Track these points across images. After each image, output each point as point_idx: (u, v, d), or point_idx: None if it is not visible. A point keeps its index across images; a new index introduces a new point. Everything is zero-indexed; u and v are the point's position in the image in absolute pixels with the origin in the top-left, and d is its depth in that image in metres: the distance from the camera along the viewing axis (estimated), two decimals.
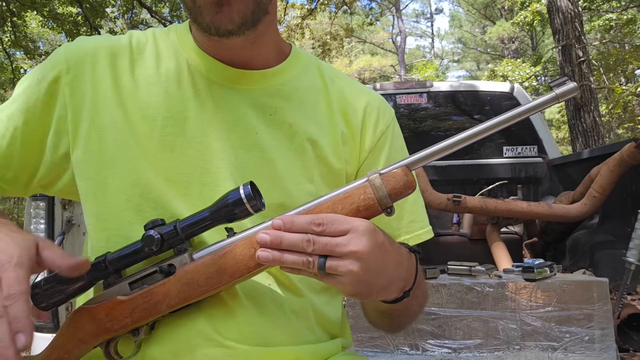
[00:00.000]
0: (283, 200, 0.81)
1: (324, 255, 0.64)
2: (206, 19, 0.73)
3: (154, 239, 0.69)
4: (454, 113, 3.94)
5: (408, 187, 0.67)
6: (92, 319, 0.72)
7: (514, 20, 13.55)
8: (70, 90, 0.79)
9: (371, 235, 0.65)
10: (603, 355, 1.75)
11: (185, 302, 0.70)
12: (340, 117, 0.89)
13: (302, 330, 0.82)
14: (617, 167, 2.39)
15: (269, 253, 0.64)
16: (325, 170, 0.86)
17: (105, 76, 0.80)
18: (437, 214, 3.30)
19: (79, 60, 0.80)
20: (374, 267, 0.65)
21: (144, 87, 0.80)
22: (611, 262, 2.35)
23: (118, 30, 11.41)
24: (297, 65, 0.90)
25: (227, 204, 0.68)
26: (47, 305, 0.73)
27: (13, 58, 10.41)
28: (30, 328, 0.60)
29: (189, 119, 0.80)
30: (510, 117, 0.68)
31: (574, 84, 0.67)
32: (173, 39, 0.85)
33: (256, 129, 0.82)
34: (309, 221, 0.64)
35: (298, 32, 12.03)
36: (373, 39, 26.74)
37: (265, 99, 0.84)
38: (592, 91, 6.58)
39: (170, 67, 0.82)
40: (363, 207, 0.67)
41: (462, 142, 0.68)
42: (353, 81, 0.96)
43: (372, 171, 0.68)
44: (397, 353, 1.86)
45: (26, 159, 0.81)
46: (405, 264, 0.73)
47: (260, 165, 0.81)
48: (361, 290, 0.67)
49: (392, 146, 0.91)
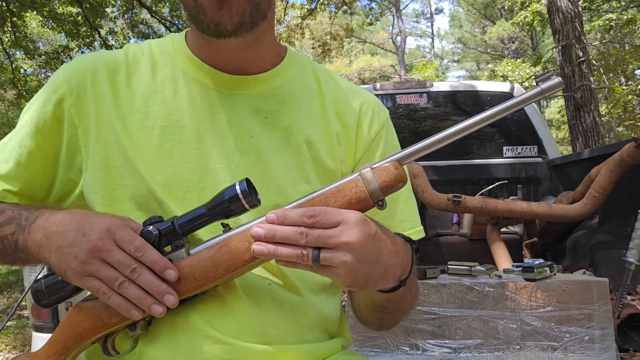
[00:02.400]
0: (279, 201, 0.82)
1: (318, 248, 0.65)
2: (208, 16, 0.76)
3: (152, 235, 0.71)
4: (453, 113, 3.93)
5: (399, 181, 0.69)
6: (90, 314, 0.74)
7: (514, 20, 13.56)
8: (77, 110, 0.82)
9: (363, 226, 0.66)
10: (603, 355, 1.75)
11: (182, 295, 0.72)
12: (335, 117, 0.91)
13: (301, 328, 0.83)
14: (617, 167, 2.39)
15: (264, 246, 0.66)
16: (321, 171, 0.87)
17: (105, 92, 0.83)
18: (437, 214, 3.30)
19: (79, 80, 0.83)
20: (368, 257, 0.66)
21: (140, 98, 0.83)
22: (611, 262, 2.35)
23: (118, 30, 11.41)
24: (292, 68, 0.92)
25: (224, 200, 0.69)
26: (48, 302, 0.75)
27: (13, 58, 10.39)
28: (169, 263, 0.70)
29: (185, 127, 0.82)
30: (498, 112, 0.69)
31: (559, 79, 0.68)
32: (168, 48, 0.88)
33: (251, 132, 0.84)
34: (301, 214, 0.65)
35: (298, 32, 12.02)
36: (373, 39, 26.74)
37: (260, 102, 0.86)
38: (592, 91, 6.57)
39: (166, 77, 0.85)
40: (355, 200, 0.68)
41: (451, 136, 0.69)
42: (348, 83, 0.98)
43: (363, 165, 0.69)
44: (397, 353, 1.86)
45: (42, 180, 0.85)
46: (401, 252, 0.74)
47: (255, 167, 0.83)
48: (358, 281, 0.67)
49: (387, 146, 0.93)
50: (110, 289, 0.69)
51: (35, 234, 0.74)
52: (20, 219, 0.77)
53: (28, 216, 0.77)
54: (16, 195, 0.84)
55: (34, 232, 0.74)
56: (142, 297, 0.69)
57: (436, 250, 3.13)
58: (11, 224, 0.77)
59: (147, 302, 0.69)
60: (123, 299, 0.70)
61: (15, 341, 4.37)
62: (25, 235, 0.75)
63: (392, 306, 0.85)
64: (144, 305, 0.69)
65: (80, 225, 0.71)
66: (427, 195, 2.81)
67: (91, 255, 0.69)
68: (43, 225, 0.74)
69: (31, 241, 0.74)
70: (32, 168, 0.84)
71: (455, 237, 3.24)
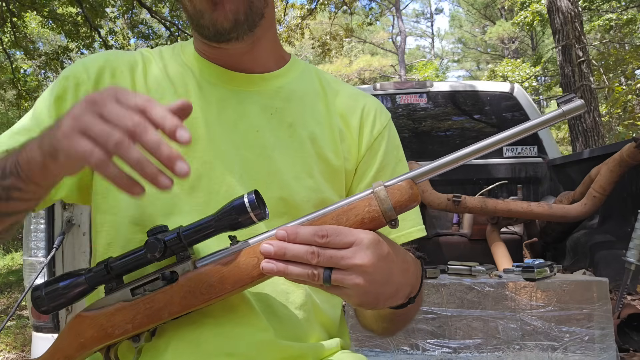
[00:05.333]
0: (283, 194, 0.84)
1: (329, 267, 0.63)
2: (206, 19, 0.79)
3: (157, 246, 0.69)
4: (453, 113, 3.93)
5: (413, 200, 0.67)
6: (93, 324, 0.72)
7: (514, 21, 13.55)
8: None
9: (375, 248, 0.64)
10: (603, 355, 1.75)
11: (187, 309, 0.71)
12: (338, 118, 0.93)
13: (304, 325, 0.83)
14: (617, 167, 2.39)
15: (274, 264, 0.64)
16: (325, 167, 0.89)
17: (125, 85, 0.84)
18: (437, 214, 3.30)
19: (98, 70, 0.85)
20: (380, 279, 0.66)
21: (155, 89, 0.86)
22: (611, 262, 2.35)
23: (118, 30, 11.40)
24: (296, 70, 0.95)
25: (231, 212, 0.68)
26: (47, 309, 0.74)
27: (13, 58, 10.38)
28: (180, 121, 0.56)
29: (197, 118, 0.84)
30: (517, 133, 0.68)
31: (581, 102, 0.67)
32: (177, 52, 0.92)
33: (257, 127, 0.86)
34: (312, 233, 0.63)
35: (298, 32, 12.02)
36: (373, 39, 26.74)
37: (265, 100, 0.89)
38: (592, 91, 6.57)
39: (176, 73, 0.88)
40: (367, 219, 0.67)
41: (468, 156, 0.68)
42: (350, 86, 1.01)
43: (377, 183, 0.68)
44: (397, 353, 1.86)
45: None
46: (411, 270, 0.73)
47: (260, 161, 0.85)
48: (368, 301, 0.67)
49: (389, 146, 0.95)
50: (105, 152, 0.54)
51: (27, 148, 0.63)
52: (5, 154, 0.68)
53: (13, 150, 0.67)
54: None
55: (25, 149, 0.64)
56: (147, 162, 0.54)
57: (436, 250, 3.12)
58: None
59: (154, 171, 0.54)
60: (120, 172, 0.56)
61: (15, 341, 4.37)
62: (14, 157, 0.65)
63: (399, 318, 0.85)
64: (148, 175, 0.55)
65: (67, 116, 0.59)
66: (427, 195, 2.81)
67: (84, 109, 0.56)
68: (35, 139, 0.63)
69: (23, 154, 0.63)
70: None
71: (455, 237, 3.24)
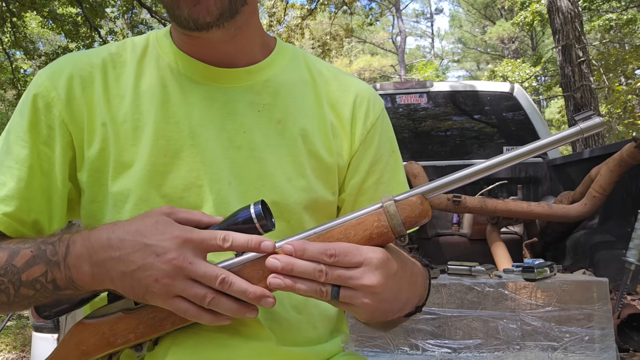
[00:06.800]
0: (275, 198, 0.80)
1: (337, 285, 0.63)
2: (184, 12, 0.72)
3: None
4: (454, 113, 3.93)
5: (424, 216, 0.66)
6: (95, 332, 0.71)
7: (514, 21, 13.56)
8: (69, 116, 0.78)
9: (384, 268, 0.63)
10: (603, 355, 1.75)
11: (190, 320, 0.70)
12: (329, 109, 0.89)
13: (304, 326, 0.82)
14: (617, 167, 2.39)
15: (281, 280, 0.63)
16: (317, 164, 0.85)
17: (97, 94, 0.79)
18: (437, 214, 3.30)
19: (67, 82, 0.79)
20: (389, 296, 0.65)
21: (129, 97, 0.80)
22: (611, 262, 2.35)
23: (118, 30, 11.40)
24: (283, 59, 0.89)
25: (237, 222, 0.67)
26: (49, 314, 0.73)
27: (13, 58, 10.39)
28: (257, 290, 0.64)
29: (179, 122, 0.79)
30: (532, 150, 0.67)
31: (600, 120, 0.64)
32: (153, 46, 0.84)
33: (244, 127, 0.82)
34: (321, 251, 0.62)
35: (298, 32, 12.01)
36: (373, 39, 26.73)
37: (252, 96, 0.84)
38: (592, 91, 6.58)
39: (153, 74, 0.82)
40: (376, 235, 0.65)
41: (480, 172, 0.67)
42: (341, 72, 0.95)
43: (386, 197, 0.66)
44: (397, 353, 1.86)
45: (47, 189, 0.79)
46: (419, 281, 0.73)
47: (250, 164, 0.81)
48: (376, 317, 0.66)
49: (382, 138, 0.92)
50: (199, 309, 0.64)
51: (78, 267, 0.66)
52: (44, 255, 0.68)
53: (52, 250, 0.68)
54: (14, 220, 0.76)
55: (74, 265, 0.66)
56: (236, 308, 0.65)
57: (436, 250, 3.12)
58: (37, 264, 0.68)
59: (243, 312, 0.65)
60: (214, 314, 0.65)
61: (15, 341, 4.37)
62: (64, 272, 0.67)
63: (401, 321, 0.85)
64: (239, 316, 0.65)
65: (141, 244, 0.63)
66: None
67: (174, 275, 0.63)
68: (83, 254, 0.66)
69: (77, 275, 0.66)
70: (34, 184, 0.77)
71: (455, 237, 3.23)
